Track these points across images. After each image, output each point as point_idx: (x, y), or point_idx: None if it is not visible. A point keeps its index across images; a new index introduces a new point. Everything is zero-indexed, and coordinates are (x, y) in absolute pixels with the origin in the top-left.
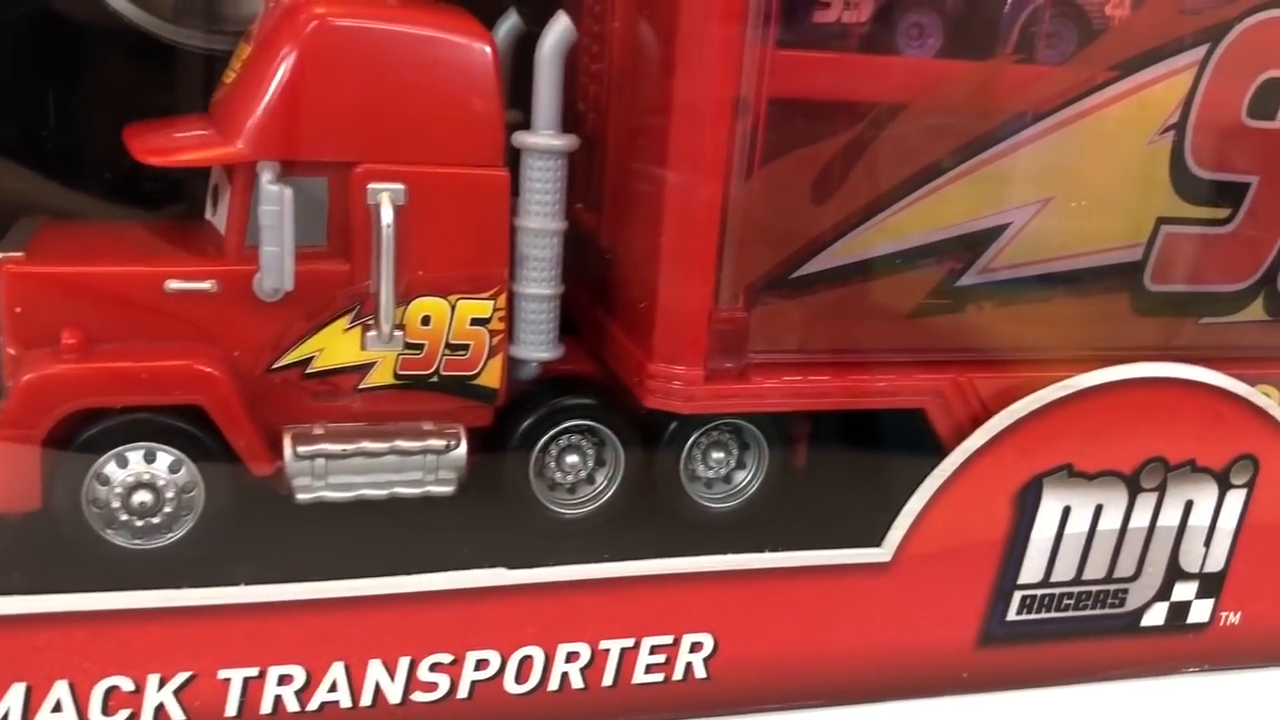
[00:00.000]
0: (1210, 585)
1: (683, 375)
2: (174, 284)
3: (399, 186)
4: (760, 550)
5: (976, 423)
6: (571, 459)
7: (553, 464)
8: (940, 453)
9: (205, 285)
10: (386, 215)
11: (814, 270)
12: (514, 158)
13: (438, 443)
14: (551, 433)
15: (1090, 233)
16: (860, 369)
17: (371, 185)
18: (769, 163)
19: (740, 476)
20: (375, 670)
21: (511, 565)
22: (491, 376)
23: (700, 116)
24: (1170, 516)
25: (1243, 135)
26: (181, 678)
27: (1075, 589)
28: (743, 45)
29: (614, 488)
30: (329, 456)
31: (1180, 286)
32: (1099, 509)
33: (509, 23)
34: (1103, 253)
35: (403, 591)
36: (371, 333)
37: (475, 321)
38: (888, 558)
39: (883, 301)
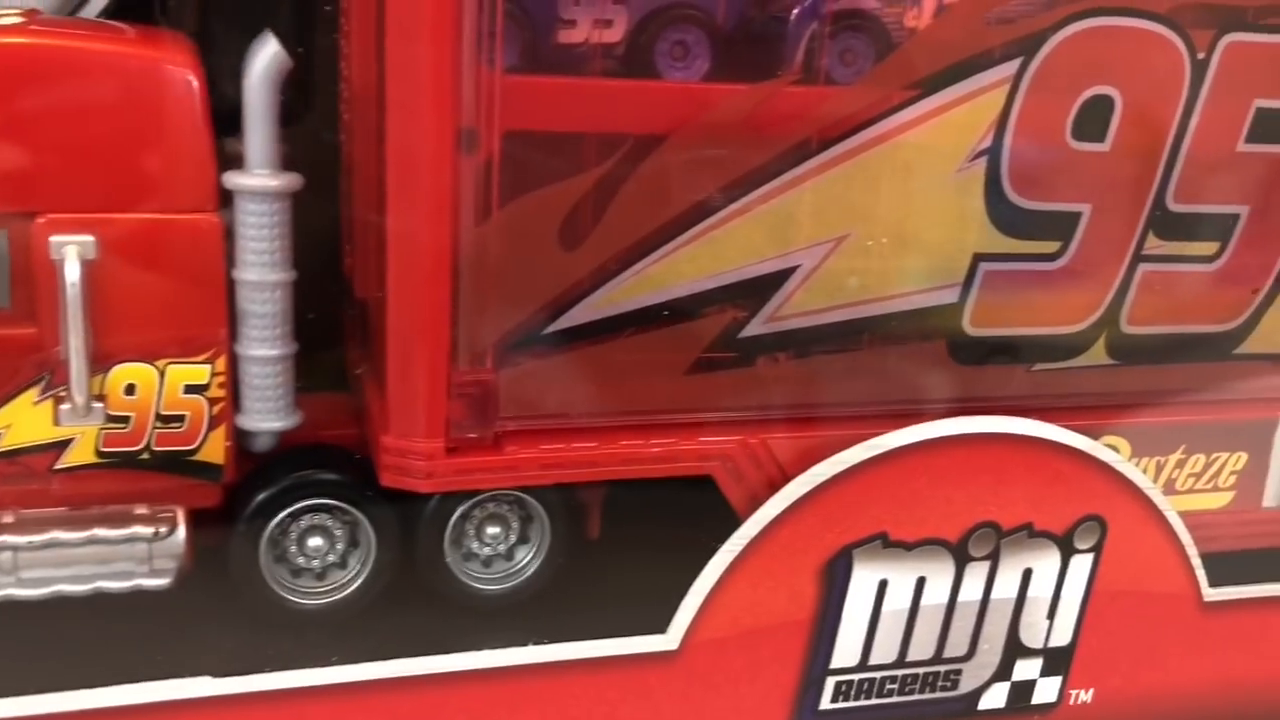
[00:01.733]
0: (1056, 661)
1: (421, 449)
2: None
3: (88, 238)
4: (538, 639)
5: (774, 489)
6: (315, 541)
7: (294, 547)
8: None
9: None
10: (72, 272)
11: (572, 324)
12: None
13: (145, 529)
14: (287, 512)
15: (896, 273)
16: (633, 433)
17: (54, 238)
18: (508, 204)
19: (523, 553)
20: None
21: (228, 670)
22: (214, 451)
23: (416, 151)
24: (1006, 587)
25: (1068, 160)
26: None
27: (899, 672)
28: (459, 70)
29: (368, 572)
30: (17, 549)
31: (1006, 330)
32: (921, 582)
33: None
34: (912, 295)
35: (78, 709)
36: (65, 405)
37: (190, 389)
38: (674, 645)
39: (654, 358)
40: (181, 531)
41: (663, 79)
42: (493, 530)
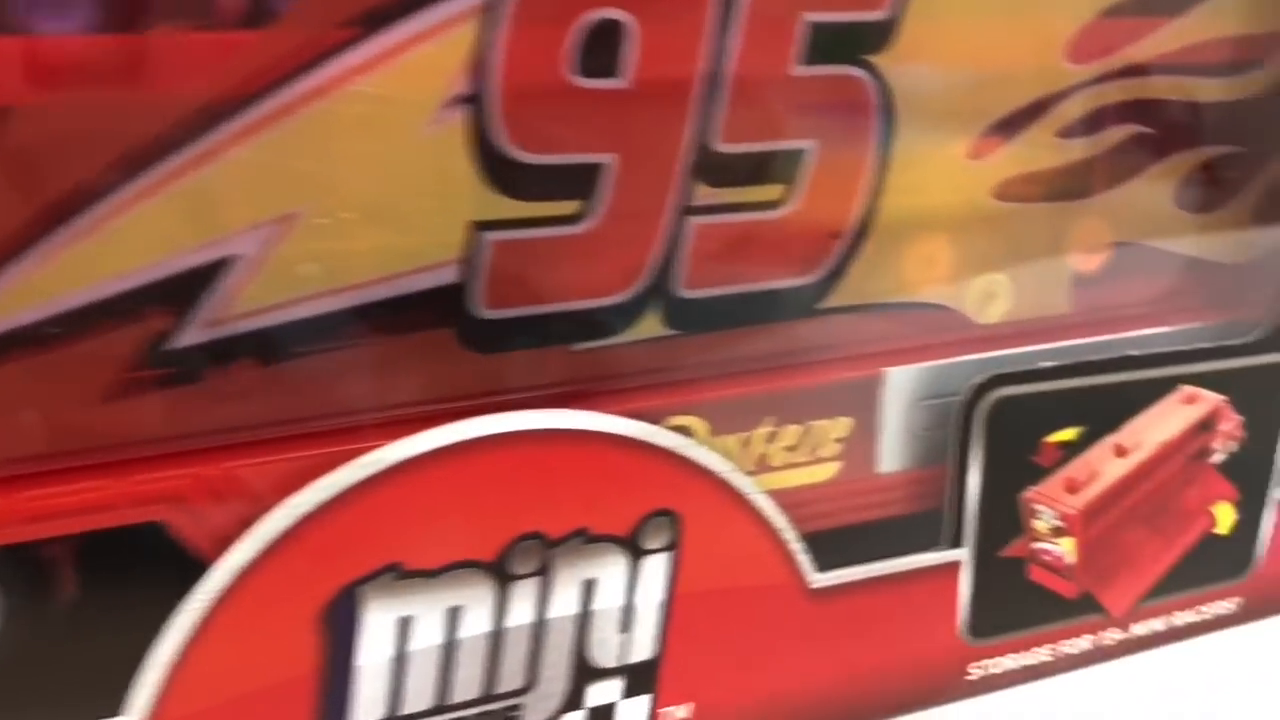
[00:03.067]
0: (640, 678)
1: None
2: None
3: None
4: None
5: (249, 527)
6: None
7: None
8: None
9: None
10: None
11: None
12: None
13: None
14: None
15: (371, 255)
16: (39, 483)
17: None
18: None
19: None
20: None
21: None
22: None
23: None
24: (564, 604)
25: (575, 102)
26: None
27: (444, 717)
28: None
29: None
30: None
31: (532, 309)
32: (455, 612)
33: None
34: (399, 279)
35: None
36: None
37: None
38: None
39: (52, 389)
40: None
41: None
42: None
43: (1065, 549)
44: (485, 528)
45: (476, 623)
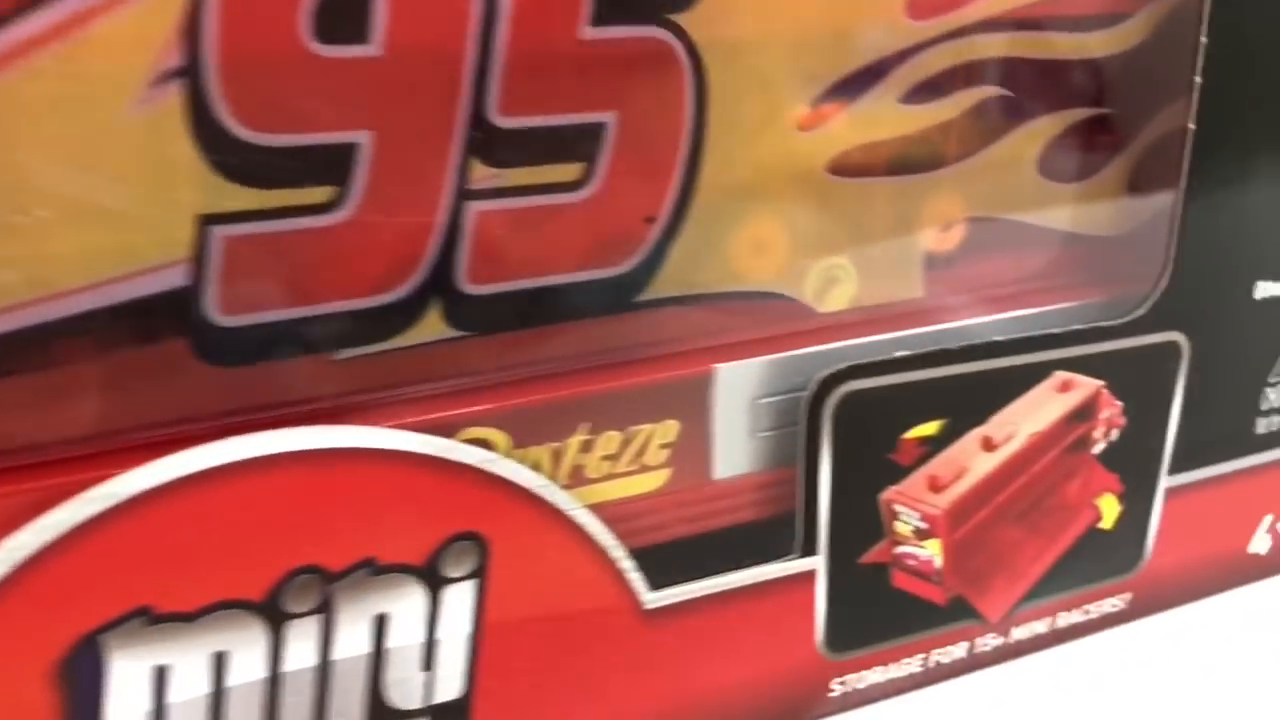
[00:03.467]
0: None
1: None
2: None
3: None
4: None
5: None
6: None
7: None
8: None
9: None
10: None
11: None
12: None
13: None
14: None
15: (79, 257)
16: None
17: None
18: None
19: None
20: None
21: None
22: None
23: None
24: (353, 643)
25: (317, 71)
26: None
27: None
28: None
29: None
30: None
31: (281, 313)
32: (221, 659)
33: None
34: (114, 284)
35: None
36: None
37: None
38: None
39: None
40: None
41: None
42: None
43: (931, 552)
44: (250, 563)
45: (248, 669)
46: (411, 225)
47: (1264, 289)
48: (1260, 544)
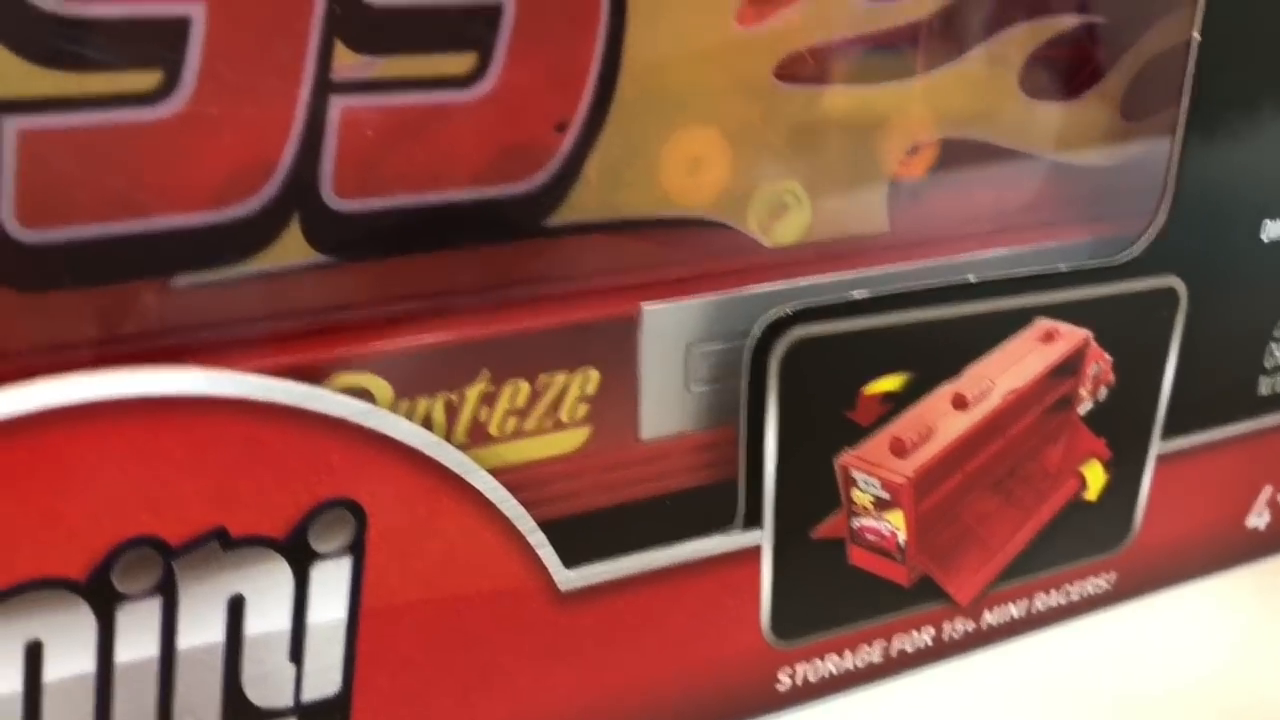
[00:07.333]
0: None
1: None
2: None
3: None
4: None
5: None
6: None
7: None
8: None
9: None
10: None
11: None
12: None
13: None
14: None
15: None
16: None
17: None
18: None
19: None
20: None
21: None
22: None
23: None
24: (202, 629)
25: None
26: None
27: None
28: None
29: None
30: None
31: (95, 227)
32: (35, 650)
33: None
34: None
35: None
36: None
37: None
38: None
39: None
40: None
41: None
42: None
43: (894, 525)
44: (69, 534)
45: (69, 663)
46: (260, 122)
47: (1273, 230)
48: (1259, 518)
